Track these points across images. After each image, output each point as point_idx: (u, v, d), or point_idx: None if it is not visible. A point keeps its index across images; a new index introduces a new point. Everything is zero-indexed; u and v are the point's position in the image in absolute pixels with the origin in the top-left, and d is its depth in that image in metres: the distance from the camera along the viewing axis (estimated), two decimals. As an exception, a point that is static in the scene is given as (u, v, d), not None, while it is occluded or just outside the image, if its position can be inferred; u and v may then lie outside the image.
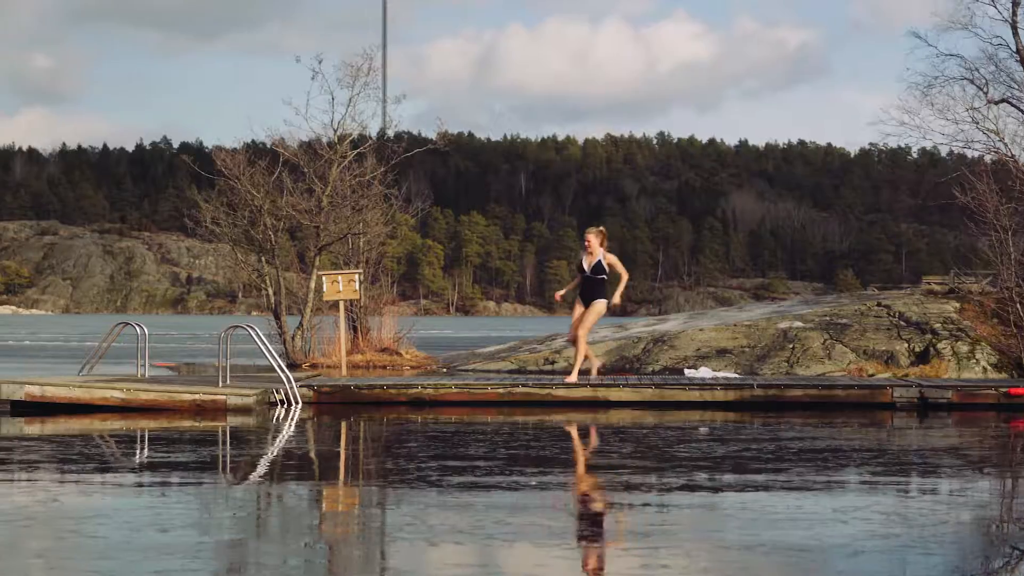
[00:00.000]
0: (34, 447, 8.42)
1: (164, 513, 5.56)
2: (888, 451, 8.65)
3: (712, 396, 12.05)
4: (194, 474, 7.07)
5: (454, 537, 5.00)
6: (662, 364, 16.84)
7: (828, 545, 4.94)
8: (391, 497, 6.28)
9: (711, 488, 6.57)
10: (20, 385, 11.28)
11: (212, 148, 20.84)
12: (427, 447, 8.62)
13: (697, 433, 9.70)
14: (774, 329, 17.44)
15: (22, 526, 5.20)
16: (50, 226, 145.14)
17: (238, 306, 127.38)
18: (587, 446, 8.83)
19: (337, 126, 19.94)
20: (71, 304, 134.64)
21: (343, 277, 15.60)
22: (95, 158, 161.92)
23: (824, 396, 12.11)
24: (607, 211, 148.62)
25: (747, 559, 4.64)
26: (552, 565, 4.53)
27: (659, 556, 4.68)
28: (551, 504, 6.01)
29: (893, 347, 16.47)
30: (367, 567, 4.56)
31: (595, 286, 12.30)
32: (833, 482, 6.83)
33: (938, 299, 18.67)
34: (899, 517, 5.65)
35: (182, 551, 4.66)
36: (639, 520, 5.48)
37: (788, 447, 8.67)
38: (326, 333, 18.76)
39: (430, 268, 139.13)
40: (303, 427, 10.13)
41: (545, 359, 17.62)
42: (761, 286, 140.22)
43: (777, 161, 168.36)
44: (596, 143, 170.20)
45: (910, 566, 4.60)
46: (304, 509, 6.01)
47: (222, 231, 19.80)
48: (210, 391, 11.33)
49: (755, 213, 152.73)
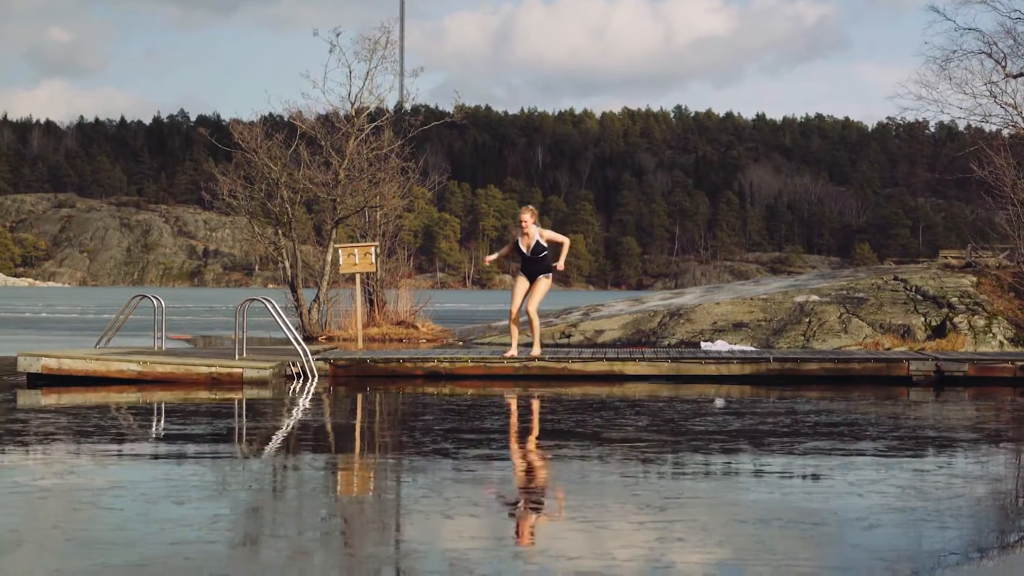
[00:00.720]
0: (51, 419, 8.47)
1: (180, 485, 5.58)
2: (904, 425, 8.62)
3: (728, 370, 12.03)
4: (210, 446, 7.10)
5: (469, 509, 5.01)
6: (678, 337, 16.81)
7: (844, 519, 4.92)
8: (406, 469, 6.29)
9: (727, 462, 6.55)
10: (37, 358, 11.36)
11: (229, 121, 20.84)
12: (443, 420, 8.63)
13: (712, 406, 9.69)
14: (790, 303, 17.38)
15: (38, 498, 5.23)
16: (67, 199, 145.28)
17: (255, 279, 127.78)
18: (602, 419, 8.82)
19: (354, 99, 19.96)
20: (88, 277, 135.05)
21: (359, 250, 15.60)
22: (112, 131, 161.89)
23: (840, 370, 12.07)
24: (624, 184, 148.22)
25: (762, 532, 4.63)
26: (567, 538, 4.54)
27: (675, 529, 4.67)
28: (564, 477, 6.01)
29: (909, 321, 16.39)
30: (382, 539, 4.57)
31: (539, 263, 12.17)
32: (849, 455, 6.81)
33: (955, 273, 18.56)
34: (915, 491, 5.63)
35: (198, 523, 4.68)
36: (655, 493, 5.47)
37: (804, 420, 8.64)
38: (342, 306, 18.85)
39: (447, 241, 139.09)
40: (319, 400, 10.16)
41: (561, 332, 17.61)
42: (778, 260, 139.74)
43: (794, 135, 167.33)
44: (613, 117, 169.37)
45: (926, 539, 4.58)
46: (320, 482, 6.03)
47: (239, 204, 19.83)
48: (226, 364, 11.37)
49: (772, 187, 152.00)
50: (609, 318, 18.08)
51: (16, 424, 8.16)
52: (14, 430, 7.77)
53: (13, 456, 6.58)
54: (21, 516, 4.83)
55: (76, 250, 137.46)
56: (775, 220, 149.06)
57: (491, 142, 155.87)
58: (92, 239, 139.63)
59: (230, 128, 20.32)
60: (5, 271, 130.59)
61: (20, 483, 5.58)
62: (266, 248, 20.43)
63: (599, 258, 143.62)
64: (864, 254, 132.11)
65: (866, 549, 4.39)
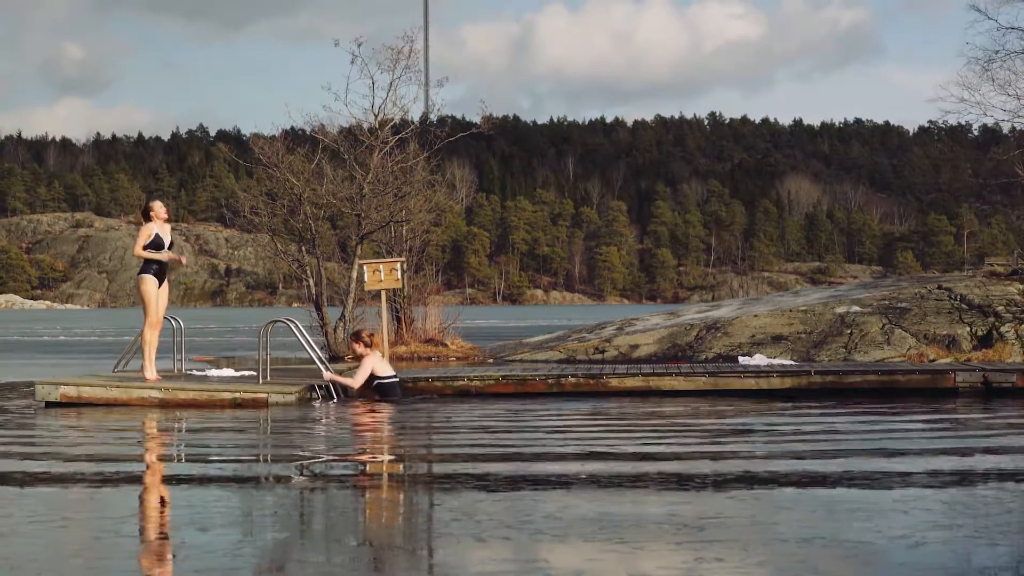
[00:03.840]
0: (70, 442, 8.42)
1: (203, 511, 5.49)
2: (950, 438, 8.38)
3: (768, 383, 11.81)
4: (234, 470, 7.01)
5: (502, 532, 4.87)
6: (715, 352, 16.58)
7: (889, 536, 4.74)
8: (436, 492, 6.16)
9: (767, 479, 6.37)
10: (56, 386, 11.17)
11: (250, 136, 20.69)
12: (473, 440, 8.50)
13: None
14: (831, 314, 17.09)
15: (59, 526, 5.15)
16: (85, 218, 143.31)
17: (278, 298, 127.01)
18: (637, 436, 8.65)
19: (378, 111, 19.66)
20: (107, 298, 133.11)
21: (385, 266, 15.37)
22: (130, 148, 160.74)
23: (884, 382, 11.81)
24: (658, 194, 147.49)
25: (805, 552, 4.47)
26: (601, 559, 4.38)
27: (713, 549, 4.52)
28: (599, 497, 5.85)
29: (955, 331, 16.05)
30: (412, 563, 4.44)
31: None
32: (893, 471, 6.60)
33: (1001, 281, 18.18)
34: (962, 507, 5.43)
35: (223, 549, 4.58)
36: (692, 512, 5.30)
37: (846, 435, 8.44)
38: (369, 324, 18.64)
39: (476, 256, 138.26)
40: (344, 422, 10.05)
41: (595, 348, 17.43)
42: (817, 270, 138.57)
43: (833, 141, 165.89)
44: (646, 125, 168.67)
45: (974, 557, 4.40)
46: (347, 505, 5.91)
47: (261, 221, 19.51)
48: (250, 389, 11.14)
49: (811, 195, 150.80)
50: (644, 332, 17.87)
51: (36, 448, 8.12)
52: (33, 455, 7.72)
53: (32, 485, 6.51)
54: (41, 544, 4.74)
55: (94, 271, 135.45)
56: (814, 229, 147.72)
57: (520, 153, 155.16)
58: (111, 259, 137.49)
59: (251, 143, 20.20)
60: (22, 294, 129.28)
61: (39, 510, 5.50)
62: (289, 266, 20.10)
63: (633, 271, 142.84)
64: (907, 263, 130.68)
65: (912, 567, 4.22)
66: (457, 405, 11.04)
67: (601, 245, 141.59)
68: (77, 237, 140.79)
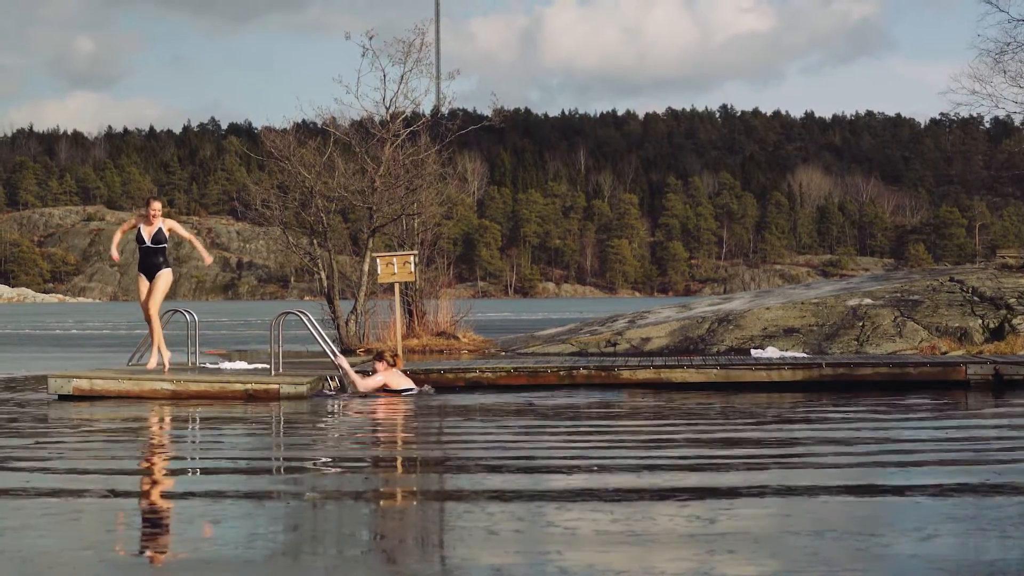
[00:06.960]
0: (83, 435, 8.45)
1: (216, 502, 5.50)
2: (961, 430, 8.36)
3: (780, 376, 11.80)
4: (246, 462, 7.04)
5: (514, 525, 4.88)
6: (727, 344, 16.56)
7: (900, 528, 4.74)
8: (447, 483, 6.18)
9: (779, 470, 6.37)
10: (68, 379, 11.26)
11: (261, 129, 20.67)
12: (485, 431, 8.52)
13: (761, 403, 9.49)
14: (843, 307, 17.05)
15: (70, 518, 5.17)
16: (96, 211, 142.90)
17: (290, 291, 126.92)
18: (649, 429, 8.65)
19: (389, 104, 19.61)
20: (119, 291, 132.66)
21: (398, 259, 15.37)
22: (141, 141, 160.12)
23: (895, 375, 11.79)
24: (669, 187, 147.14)
25: (816, 544, 4.46)
26: (612, 552, 4.39)
27: (725, 542, 4.51)
28: (611, 489, 5.85)
29: (966, 323, 16.01)
30: (424, 557, 4.45)
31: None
32: (904, 463, 6.59)
33: (1013, 273, 18.12)
34: (974, 498, 5.42)
35: (234, 542, 4.59)
36: (704, 506, 5.30)
37: (858, 426, 8.43)
38: (380, 317, 18.62)
39: (487, 249, 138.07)
40: (356, 414, 10.07)
41: (607, 341, 17.43)
42: (829, 263, 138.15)
43: (844, 133, 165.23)
44: (657, 118, 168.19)
45: (986, 549, 4.39)
46: (360, 498, 5.92)
47: (273, 214, 19.46)
48: (262, 380, 11.21)
49: (822, 187, 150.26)
50: (656, 325, 17.86)
51: (46, 440, 8.15)
52: (46, 447, 7.75)
53: (45, 475, 6.54)
54: (54, 537, 4.77)
55: (106, 264, 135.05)
56: (826, 222, 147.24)
57: (531, 146, 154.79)
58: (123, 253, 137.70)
59: (262, 136, 20.18)
60: (34, 287, 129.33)
61: (52, 503, 5.53)
62: (301, 259, 20.10)
63: (645, 264, 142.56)
64: (919, 255, 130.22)
65: (924, 560, 4.20)
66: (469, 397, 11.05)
67: (613, 238, 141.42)
68: (89, 231, 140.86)
